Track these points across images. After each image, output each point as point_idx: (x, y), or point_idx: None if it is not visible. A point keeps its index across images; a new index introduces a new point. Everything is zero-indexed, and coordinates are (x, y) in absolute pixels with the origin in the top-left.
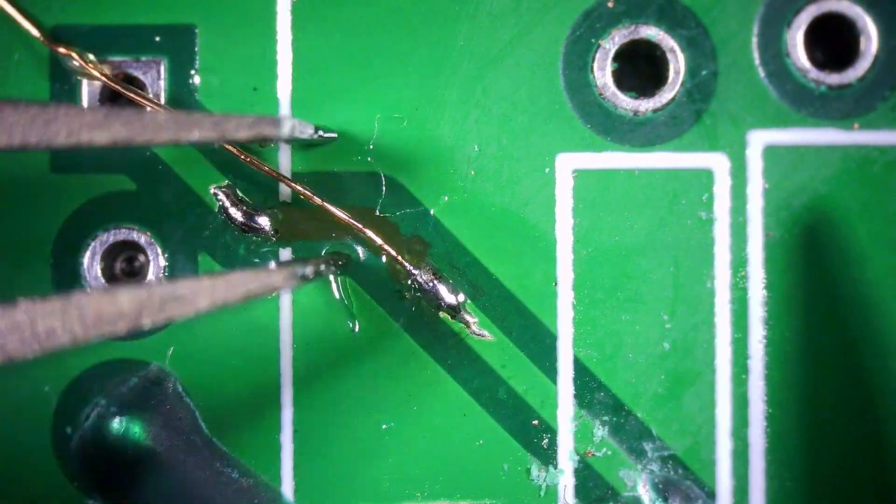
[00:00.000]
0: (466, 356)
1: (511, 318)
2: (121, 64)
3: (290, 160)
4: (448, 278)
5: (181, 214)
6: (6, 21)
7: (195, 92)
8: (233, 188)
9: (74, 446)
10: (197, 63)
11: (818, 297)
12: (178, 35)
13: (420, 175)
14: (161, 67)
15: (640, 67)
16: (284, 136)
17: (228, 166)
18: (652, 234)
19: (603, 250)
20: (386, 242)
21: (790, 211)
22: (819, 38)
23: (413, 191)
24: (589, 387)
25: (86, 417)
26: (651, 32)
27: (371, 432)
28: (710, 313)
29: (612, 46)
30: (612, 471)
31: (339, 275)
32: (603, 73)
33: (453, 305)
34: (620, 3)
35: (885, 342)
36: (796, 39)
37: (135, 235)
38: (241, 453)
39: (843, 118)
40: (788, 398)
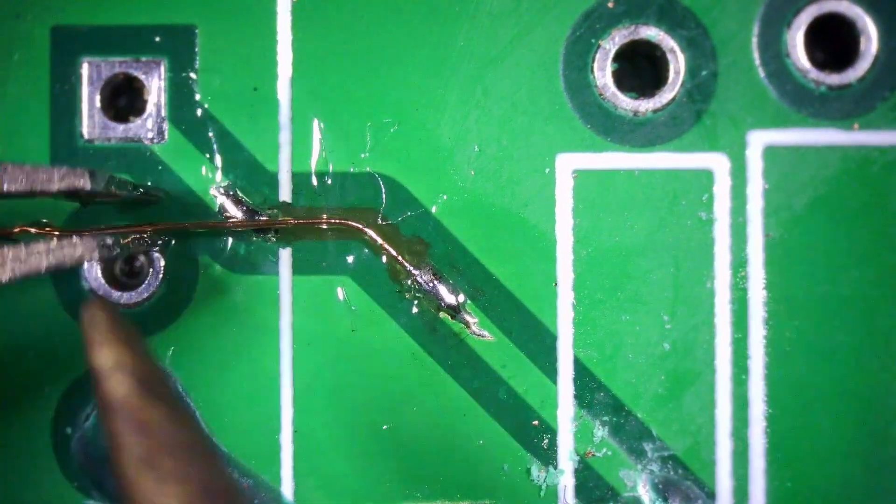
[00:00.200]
0: (466, 356)
1: (511, 318)
2: (121, 64)
3: (289, 161)
4: (448, 278)
5: (181, 214)
6: (6, 21)
7: (195, 92)
8: (233, 188)
9: (74, 446)
10: (197, 63)
11: (818, 297)
12: (178, 35)
13: (420, 175)
14: (161, 67)
15: (641, 67)
16: (99, 189)
17: (229, 166)
18: (652, 234)
19: (603, 250)
20: (386, 242)
21: (790, 211)
22: (819, 38)
23: (413, 191)
24: (589, 387)
25: (86, 417)
26: (651, 33)
27: (371, 432)
28: (710, 313)
29: (612, 47)
30: (612, 471)
31: (154, 249)
32: (603, 74)
33: (453, 305)
34: (620, 3)
35: (885, 342)
36: (796, 39)
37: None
38: (241, 453)
39: (843, 118)
40: (788, 398)
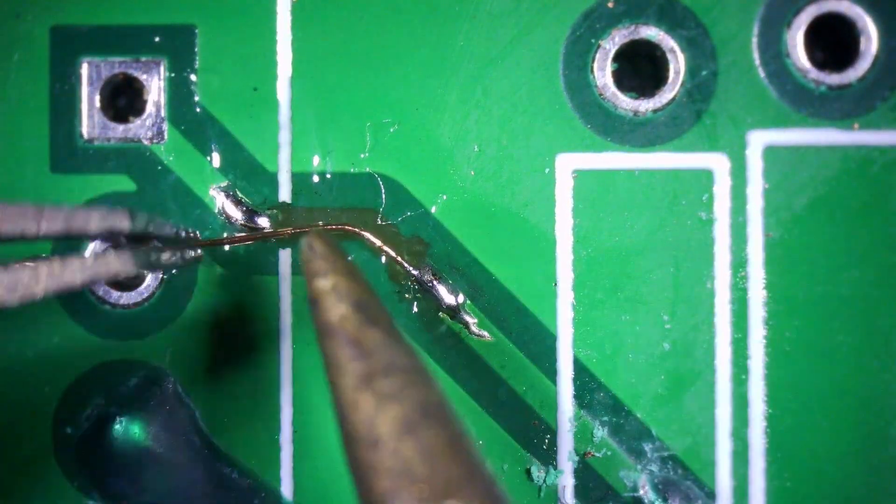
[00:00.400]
0: (466, 356)
1: (511, 318)
2: (121, 64)
3: (289, 161)
4: (448, 278)
5: (181, 214)
6: (6, 21)
7: (195, 92)
8: (233, 188)
9: (74, 446)
10: (197, 63)
11: (818, 297)
12: (178, 35)
13: (420, 175)
14: (161, 67)
15: (640, 67)
16: (138, 231)
17: (228, 166)
18: (652, 234)
19: (603, 250)
20: (386, 243)
21: (790, 211)
22: (819, 38)
23: (413, 191)
24: (589, 387)
25: (86, 417)
26: (651, 32)
27: None
28: (710, 313)
29: (612, 46)
30: (612, 471)
31: (194, 264)
32: (603, 74)
33: (453, 306)
34: (620, 3)
35: (885, 342)
36: (796, 40)
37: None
38: (241, 453)
39: (843, 118)
40: (788, 398)
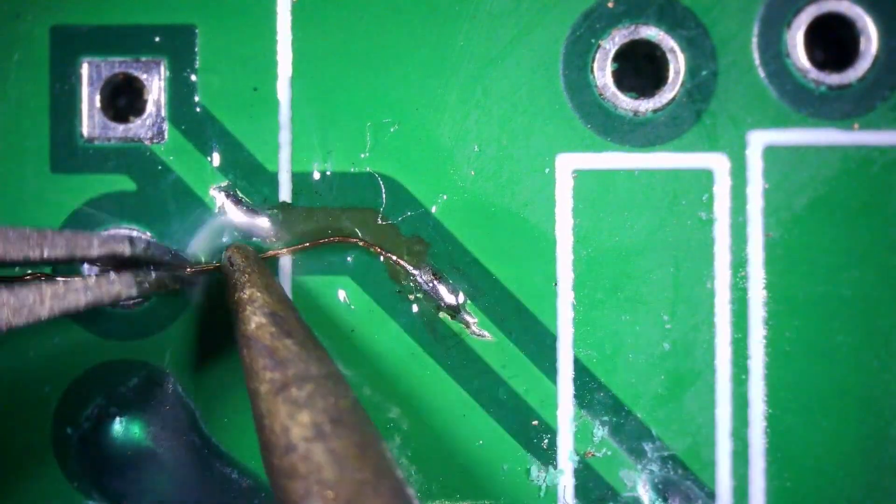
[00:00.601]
0: (466, 356)
1: (511, 318)
2: (121, 64)
3: (289, 161)
4: (448, 278)
5: (181, 214)
6: (6, 21)
7: (195, 92)
8: (233, 188)
9: (74, 446)
10: (197, 63)
11: (818, 297)
12: (178, 35)
13: (420, 175)
14: (161, 67)
15: (640, 67)
16: (138, 255)
17: (228, 166)
18: (652, 234)
19: (603, 250)
20: (386, 243)
21: (790, 211)
22: (819, 38)
23: (413, 191)
24: (589, 387)
25: (86, 417)
26: (651, 32)
27: None
28: (710, 313)
29: (612, 46)
30: (612, 471)
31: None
32: (603, 74)
33: (453, 306)
34: (620, 3)
35: (886, 342)
36: (796, 40)
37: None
38: (241, 453)
39: (843, 118)
40: (788, 398)
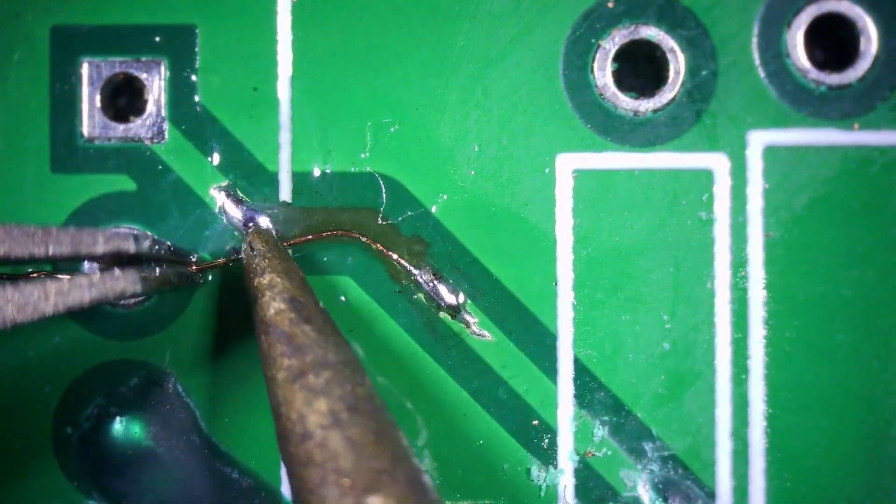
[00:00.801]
0: (466, 356)
1: (511, 318)
2: (121, 64)
3: (289, 161)
4: (448, 278)
5: (181, 214)
6: (6, 21)
7: (195, 92)
8: (233, 188)
9: (74, 446)
10: (197, 63)
11: (818, 297)
12: (178, 35)
13: (420, 175)
14: (161, 67)
15: (640, 67)
16: (143, 251)
17: (229, 166)
18: (652, 234)
19: (603, 250)
20: (386, 243)
21: (790, 211)
22: (819, 38)
23: (413, 191)
24: (589, 387)
25: (86, 417)
26: (651, 32)
27: None
28: (710, 313)
29: (612, 46)
30: (612, 471)
31: (196, 283)
32: (603, 73)
33: (453, 306)
34: (620, 3)
35: (885, 342)
36: (796, 39)
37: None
38: (241, 453)
39: (843, 118)
40: (788, 398)
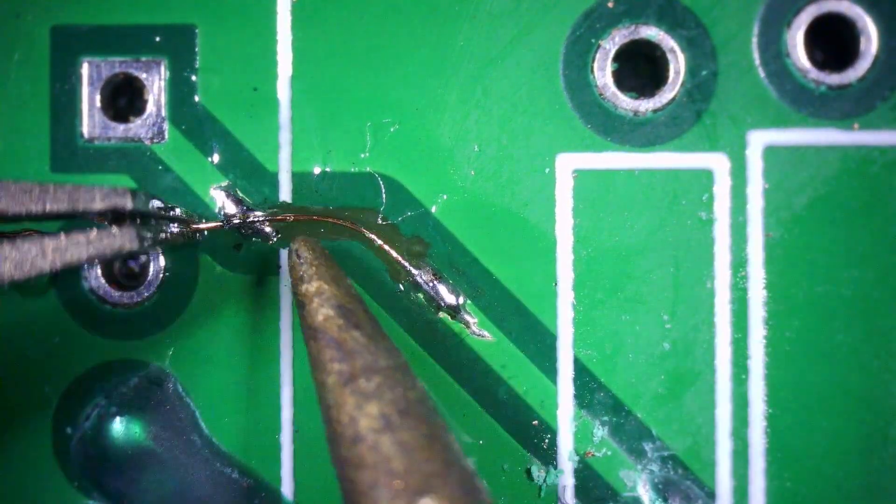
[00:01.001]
0: (466, 356)
1: (511, 318)
2: (121, 64)
3: (289, 161)
4: (448, 278)
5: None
6: (6, 21)
7: (195, 92)
8: (233, 188)
9: (74, 446)
10: (197, 63)
11: (818, 297)
12: (178, 35)
13: (420, 175)
14: (161, 67)
15: (640, 67)
16: (140, 209)
17: (228, 166)
18: (652, 234)
19: (603, 250)
20: (386, 243)
21: (790, 211)
22: (819, 38)
23: (413, 191)
24: (589, 387)
25: (86, 417)
26: (651, 32)
27: None
28: (710, 313)
29: (612, 46)
30: (612, 471)
31: (193, 240)
32: (603, 73)
33: (453, 306)
34: (620, 3)
35: (886, 342)
36: (796, 39)
37: None
38: (241, 453)
39: (843, 118)
40: (788, 398)
